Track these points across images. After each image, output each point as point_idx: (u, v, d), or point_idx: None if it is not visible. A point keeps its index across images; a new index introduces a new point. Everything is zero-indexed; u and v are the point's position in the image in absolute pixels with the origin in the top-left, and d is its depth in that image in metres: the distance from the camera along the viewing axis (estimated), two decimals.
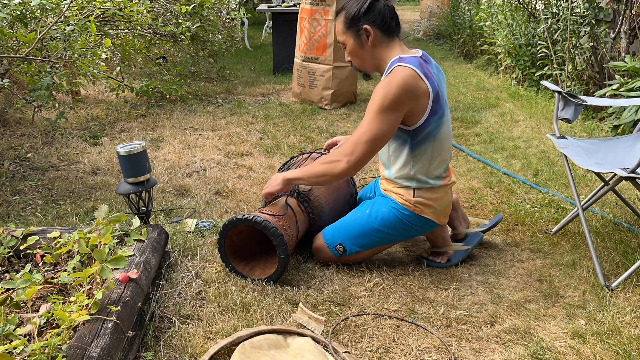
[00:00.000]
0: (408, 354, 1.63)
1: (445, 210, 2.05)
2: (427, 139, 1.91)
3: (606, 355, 1.61)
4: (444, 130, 1.95)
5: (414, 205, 1.99)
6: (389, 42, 1.94)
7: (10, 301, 1.44)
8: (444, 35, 8.52)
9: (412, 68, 1.83)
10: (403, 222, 2.01)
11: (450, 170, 2.08)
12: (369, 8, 1.91)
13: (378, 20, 1.92)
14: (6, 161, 3.13)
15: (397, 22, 1.96)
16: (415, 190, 1.98)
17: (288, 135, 3.76)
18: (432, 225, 2.05)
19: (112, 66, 4.80)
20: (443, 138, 1.95)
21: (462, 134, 3.88)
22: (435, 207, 2.00)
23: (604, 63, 4.16)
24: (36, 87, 3.06)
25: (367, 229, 2.03)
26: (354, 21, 1.93)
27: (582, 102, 2.32)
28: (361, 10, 1.91)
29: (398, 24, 1.97)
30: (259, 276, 1.97)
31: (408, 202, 2.00)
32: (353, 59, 2.01)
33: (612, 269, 2.09)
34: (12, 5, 2.89)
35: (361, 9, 1.91)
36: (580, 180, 2.96)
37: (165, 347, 1.62)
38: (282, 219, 1.96)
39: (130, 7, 4.14)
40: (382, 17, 1.92)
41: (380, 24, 1.92)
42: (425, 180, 1.97)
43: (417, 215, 2.00)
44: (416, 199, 1.98)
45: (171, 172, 3.08)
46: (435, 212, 2.01)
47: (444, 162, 1.99)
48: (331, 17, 4.43)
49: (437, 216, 2.02)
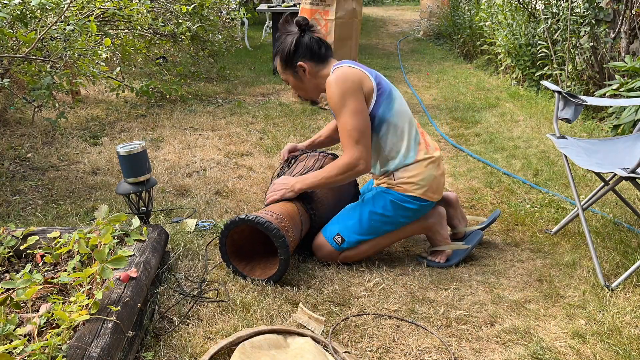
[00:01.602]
0: (408, 354, 1.63)
1: (432, 186, 2.06)
2: (383, 121, 2.02)
3: (606, 355, 1.61)
4: (397, 108, 2.05)
5: (397, 186, 2.07)
6: (324, 65, 2.10)
7: (10, 301, 1.44)
8: (444, 35, 8.52)
9: (346, 65, 2.01)
10: (393, 201, 2.06)
11: (427, 145, 2.10)
12: (296, 47, 2.07)
13: (308, 54, 2.07)
14: (6, 161, 3.13)
15: (327, 46, 2.11)
16: (393, 173, 2.07)
17: (288, 135, 3.76)
18: (422, 202, 2.06)
19: (112, 66, 4.80)
20: (397, 115, 2.04)
21: (462, 134, 3.88)
22: (418, 183, 2.04)
23: (604, 63, 4.16)
24: (36, 87, 3.06)
25: (362, 213, 2.09)
26: (288, 61, 2.09)
27: (582, 102, 2.32)
28: (290, 50, 2.07)
29: (328, 47, 2.12)
30: (259, 276, 1.97)
31: (389, 185, 2.09)
32: (299, 92, 2.20)
33: (612, 269, 2.09)
34: (12, 5, 2.89)
35: (290, 48, 2.07)
36: (580, 180, 2.96)
37: (165, 347, 1.62)
38: (285, 220, 1.95)
39: (130, 7, 4.14)
40: (310, 50, 2.07)
41: (310, 56, 2.08)
42: (399, 160, 2.05)
43: (402, 194, 2.06)
44: (396, 180, 2.07)
45: (171, 172, 3.08)
46: (420, 188, 2.04)
47: (410, 138, 2.06)
48: (331, 17, 4.43)
49: (423, 192, 2.05)
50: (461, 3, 7.76)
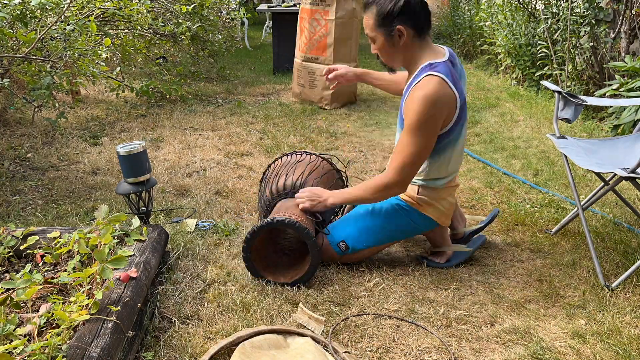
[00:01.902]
0: (408, 354, 1.63)
1: (448, 212, 2.06)
2: (448, 145, 1.92)
3: (606, 355, 1.61)
4: (463, 136, 1.96)
5: (417, 203, 2.01)
6: (421, 42, 1.88)
7: (10, 301, 1.44)
8: (444, 35, 8.51)
9: (442, 78, 1.79)
10: (405, 218, 2.03)
11: (457, 175, 2.10)
12: (403, 7, 1.80)
13: (412, 21, 1.83)
14: (6, 161, 3.13)
15: (430, 21, 1.88)
16: (419, 188, 2.00)
17: (288, 135, 3.76)
18: (434, 224, 2.06)
19: (112, 66, 4.80)
20: (461, 143, 1.97)
21: None
22: (438, 207, 2.01)
23: (604, 63, 4.16)
24: (36, 87, 3.06)
25: (370, 224, 2.04)
26: (386, 19, 1.82)
27: (582, 102, 2.32)
28: (395, 8, 1.80)
29: (430, 22, 1.88)
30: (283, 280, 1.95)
31: (411, 199, 2.02)
32: (381, 55, 1.95)
33: (612, 269, 2.09)
34: (12, 5, 2.89)
35: (395, 7, 1.80)
36: (580, 180, 2.96)
37: (165, 347, 1.62)
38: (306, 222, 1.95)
39: (130, 7, 4.14)
40: (416, 18, 1.83)
41: (414, 25, 1.83)
42: (434, 180, 1.98)
43: (419, 212, 2.02)
44: (419, 196, 2.00)
45: (171, 172, 3.07)
46: (437, 212, 2.02)
47: (457, 165, 2.01)
48: (331, 17, 4.43)
49: (438, 216, 2.03)
50: (461, 3, 7.75)
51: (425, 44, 1.89)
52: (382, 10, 1.82)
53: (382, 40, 1.88)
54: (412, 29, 1.84)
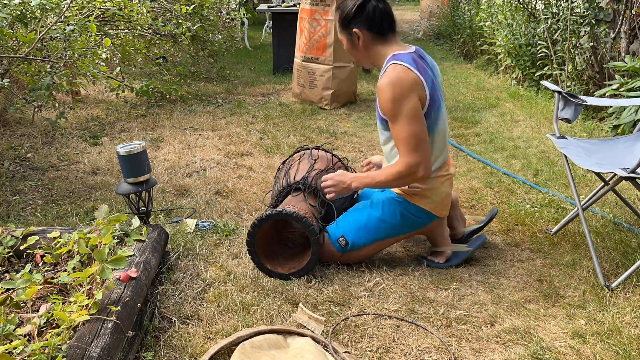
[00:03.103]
0: (408, 354, 1.63)
1: (443, 202, 2.06)
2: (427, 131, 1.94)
3: (606, 355, 1.61)
4: (441, 124, 1.99)
5: (410, 196, 2.04)
6: (384, 43, 1.97)
7: (10, 301, 1.44)
8: (444, 35, 8.52)
9: (405, 65, 1.87)
10: (402, 211, 2.05)
11: (448, 163, 2.10)
12: (357, 11, 1.93)
13: (367, 24, 1.94)
14: (6, 161, 3.13)
15: (390, 21, 1.97)
16: None
17: (288, 135, 3.76)
18: (431, 216, 2.06)
19: (112, 66, 4.80)
20: (441, 132, 1.99)
21: (462, 134, 3.88)
22: (431, 198, 2.03)
23: (604, 63, 4.16)
24: (36, 87, 3.06)
25: (369, 218, 2.06)
26: (345, 23, 1.97)
27: (582, 102, 2.32)
28: (350, 12, 1.94)
29: (391, 23, 1.97)
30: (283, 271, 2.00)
31: (403, 192, 2.05)
32: (349, 55, 2.09)
33: (612, 269, 2.09)
34: (12, 5, 2.89)
35: (349, 11, 1.94)
36: (580, 180, 2.96)
37: (165, 347, 1.62)
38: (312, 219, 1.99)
39: (130, 7, 4.14)
40: (370, 20, 1.93)
41: (369, 27, 1.94)
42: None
43: (414, 205, 2.04)
44: (411, 189, 2.03)
45: (171, 172, 3.08)
46: (431, 203, 2.04)
47: (440, 152, 2.02)
48: (331, 17, 4.43)
49: (434, 207, 2.04)
50: (461, 3, 7.75)
51: (389, 44, 1.97)
52: (342, 14, 1.97)
53: (345, 42, 2.03)
54: (368, 31, 1.95)
